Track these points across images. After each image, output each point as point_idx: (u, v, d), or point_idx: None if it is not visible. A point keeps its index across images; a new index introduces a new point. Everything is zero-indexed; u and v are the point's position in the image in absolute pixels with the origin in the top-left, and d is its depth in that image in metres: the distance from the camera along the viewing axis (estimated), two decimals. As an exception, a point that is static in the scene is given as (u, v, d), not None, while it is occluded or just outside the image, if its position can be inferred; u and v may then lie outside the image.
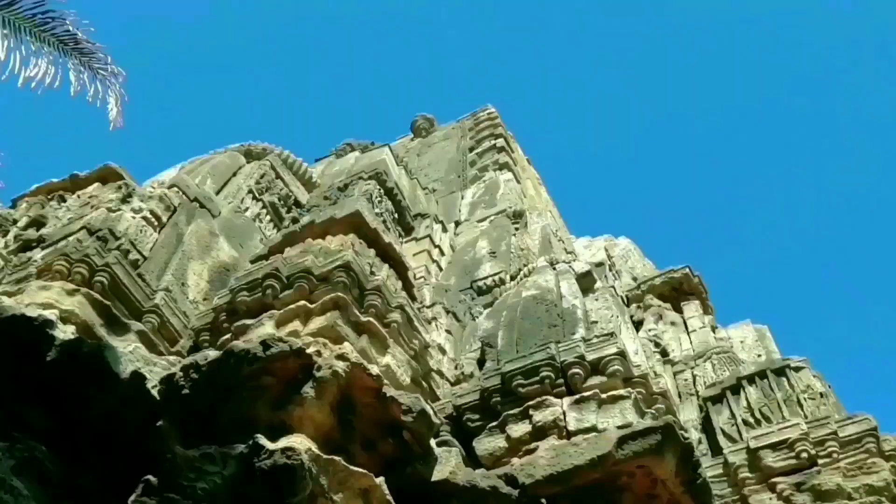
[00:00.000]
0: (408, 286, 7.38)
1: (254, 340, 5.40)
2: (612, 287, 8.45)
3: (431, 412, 5.46)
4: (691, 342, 10.54)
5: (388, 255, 7.34)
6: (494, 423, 6.56)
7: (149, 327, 6.41)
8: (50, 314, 5.48)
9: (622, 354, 6.61)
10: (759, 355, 10.38)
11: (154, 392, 5.49)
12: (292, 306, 6.13)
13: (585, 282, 8.08)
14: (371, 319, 6.17)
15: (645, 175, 36.50)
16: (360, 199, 7.83)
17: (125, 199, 7.15)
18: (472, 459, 6.42)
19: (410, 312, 6.54)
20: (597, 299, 7.61)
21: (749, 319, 11.75)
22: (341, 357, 5.34)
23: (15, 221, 7.11)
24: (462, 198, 14.09)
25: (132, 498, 5.08)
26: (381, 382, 5.35)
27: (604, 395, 6.37)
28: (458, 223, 12.81)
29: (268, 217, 9.92)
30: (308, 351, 5.33)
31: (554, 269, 8.45)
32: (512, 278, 9.63)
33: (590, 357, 6.61)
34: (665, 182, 35.07)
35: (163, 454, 5.41)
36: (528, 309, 7.62)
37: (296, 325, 6.03)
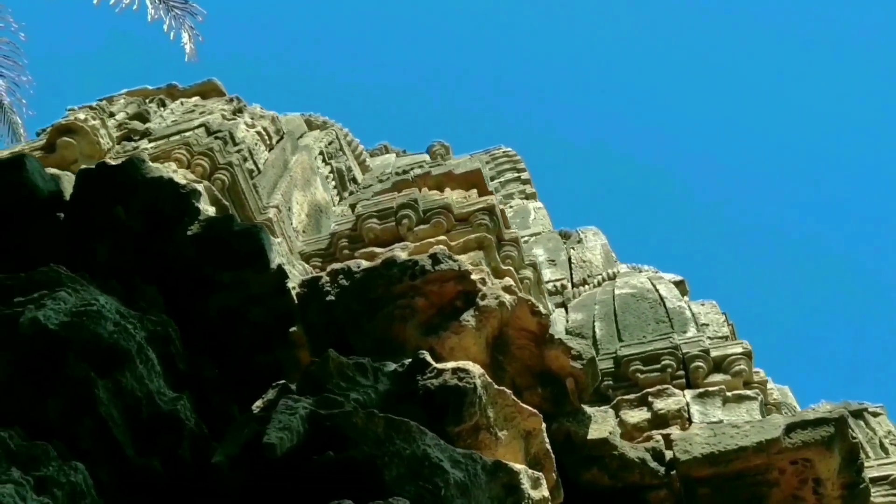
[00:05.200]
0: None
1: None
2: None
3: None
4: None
5: (501, 222, 6.93)
6: (606, 408, 6.12)
7: (259, 241, 5.82)
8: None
9: (748, 356, 6.29)
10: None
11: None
12: (431, 240, 5.64)
13: (680, 289, 7.77)
14: (510, 268, 5.73)
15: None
16: (477, 161, 7.43)
17: (236, 113, 6.60)
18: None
19: (540, 274, 6.11)
20: (703, 304, 7.31)
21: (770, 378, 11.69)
22: (508, 289, 4.87)
23: (112, 114, 6.47)
24: (489, 218, 13.89)
25: (260, 404, 4.44)
26: (546, 322, 4.89)
27: (729, 393, 6.02)
28: (488, 240, 12.62)
29: (332, 183, 9.42)
30: (473, 277, 4.85)
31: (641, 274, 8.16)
32: (574, 286, 9.35)
33: (714, 353, 6.28)
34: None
35: (288, 363, 4.83)
36: (628, 304, 7.27)
37: (433, 260, 5.54)
